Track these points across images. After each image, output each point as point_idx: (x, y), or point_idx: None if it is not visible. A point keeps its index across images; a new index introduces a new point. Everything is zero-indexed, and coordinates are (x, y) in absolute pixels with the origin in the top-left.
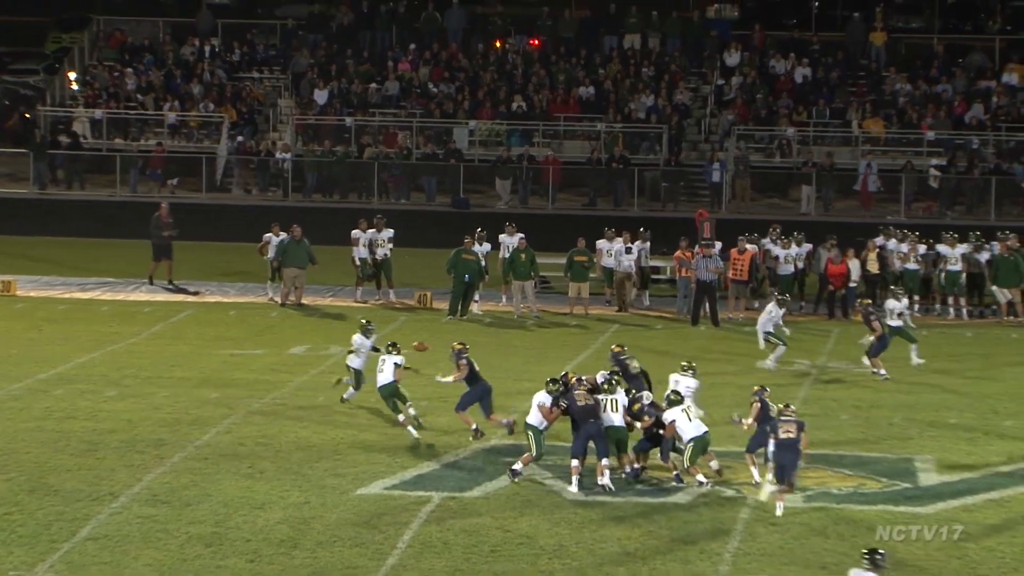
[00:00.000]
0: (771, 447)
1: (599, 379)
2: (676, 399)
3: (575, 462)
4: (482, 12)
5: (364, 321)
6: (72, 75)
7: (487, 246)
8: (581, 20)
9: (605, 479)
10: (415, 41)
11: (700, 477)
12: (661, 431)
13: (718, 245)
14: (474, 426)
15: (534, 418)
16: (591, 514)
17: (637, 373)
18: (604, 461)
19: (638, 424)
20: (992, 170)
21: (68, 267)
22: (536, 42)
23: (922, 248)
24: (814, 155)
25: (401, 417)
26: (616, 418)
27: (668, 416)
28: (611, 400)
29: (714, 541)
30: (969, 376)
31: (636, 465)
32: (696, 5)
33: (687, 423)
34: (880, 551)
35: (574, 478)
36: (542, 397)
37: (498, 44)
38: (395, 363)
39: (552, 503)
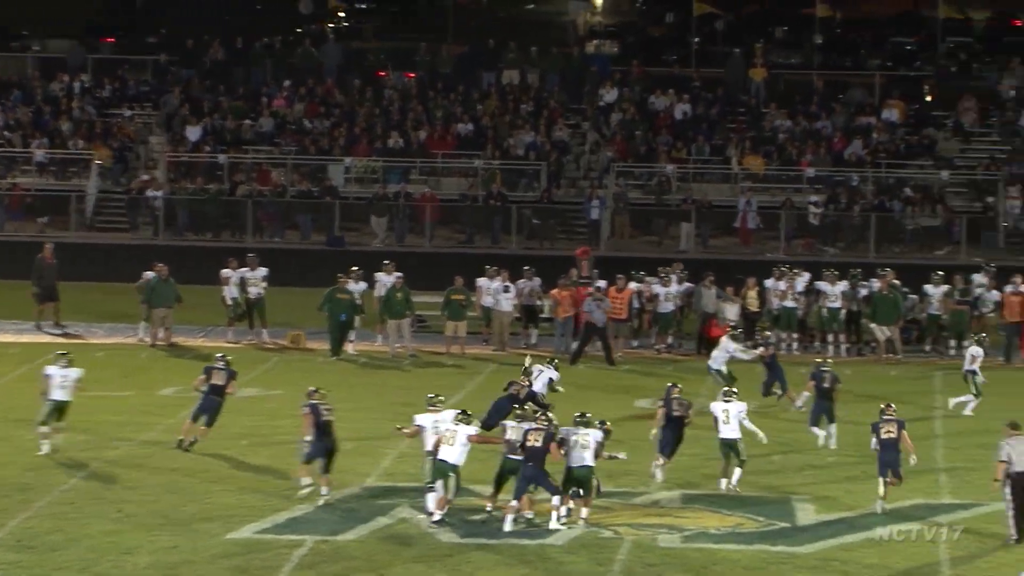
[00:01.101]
0: (873, 445)
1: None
2: (580, 421)
3: (514, 503)
4: (358, 47)
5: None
6: None
7: (362, 284)
8: (459, 56)
9: (554, 521)
10: (290, 77)
11: (558, 515)
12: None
13: (602, 283)
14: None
15: (457, 455)
16: (467, 557)
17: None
18: (555, 500)
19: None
20: (874, 207)
21: None
22: (411, 75)
23: (800, 285)
24: (693, 192)
25: (45, 429)
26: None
27: (563, 432)
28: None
29: None
30: (847, 414)
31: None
32: (576, 41)
33: (572, 451)
34: None
35: (509, 516)
36: (469, 430)
37: (381, 74)
38: (76, 378)
39: (428, 546)
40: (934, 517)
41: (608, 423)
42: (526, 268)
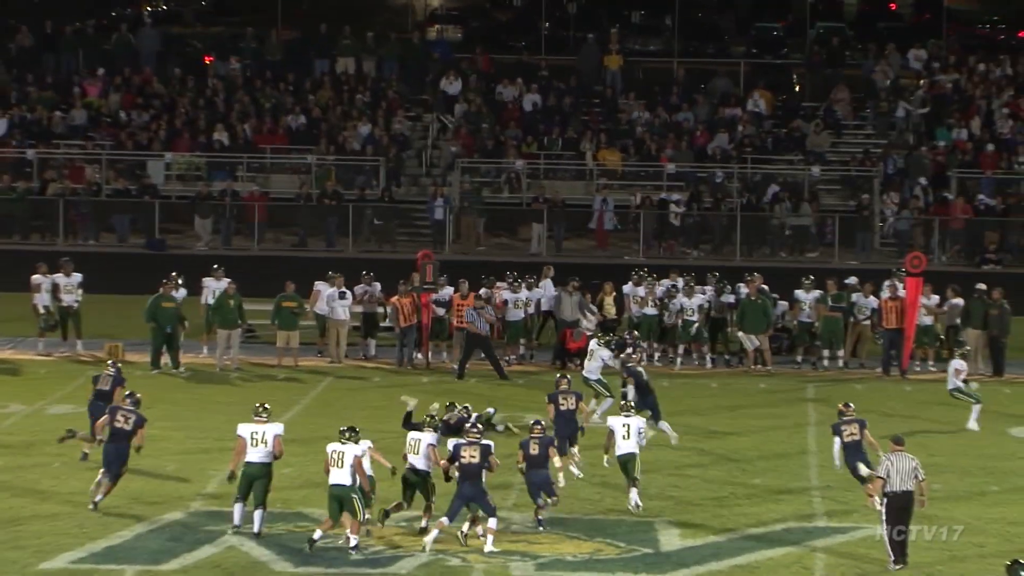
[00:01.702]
0: (836, 447)
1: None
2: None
3: (445, 520)
4: (179, 33)
5: None
6: None
7: (183, 291)
8: (288, 42)
9: (489, 544)
10: (104, 65)
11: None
12: None
13: (448, 290)
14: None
15: (349, 476)
16: None
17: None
18: (492, 522)
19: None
20: (740, 206)
21: None
22: (237, 60)
23: (660, 290)
24: (545, 189)
25: None
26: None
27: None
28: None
29: None
30: (714, 431)
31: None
32: (416, 26)
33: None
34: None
35: (434, 532)
36: (356, 449)
37: (207, 61)
38: None
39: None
40: (809, 541)
41: (543, 421)
42: (365, 273)
